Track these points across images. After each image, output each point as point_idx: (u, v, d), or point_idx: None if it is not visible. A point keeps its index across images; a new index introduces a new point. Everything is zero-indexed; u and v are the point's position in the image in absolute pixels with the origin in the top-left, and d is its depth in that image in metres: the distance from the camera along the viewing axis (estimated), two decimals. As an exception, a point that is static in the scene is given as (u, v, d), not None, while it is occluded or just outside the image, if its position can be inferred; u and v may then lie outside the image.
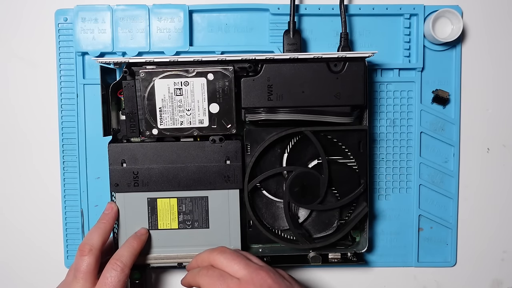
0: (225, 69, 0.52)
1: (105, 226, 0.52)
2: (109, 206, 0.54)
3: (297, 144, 0.55)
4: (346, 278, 0.63)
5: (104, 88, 0.54)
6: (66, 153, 0.58)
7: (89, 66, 0.58)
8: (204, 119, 0.53)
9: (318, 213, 0.57)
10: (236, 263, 0.47)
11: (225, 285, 0.46)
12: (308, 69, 0.52)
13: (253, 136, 0.55)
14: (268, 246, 0.59)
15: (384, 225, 0.61)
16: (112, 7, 0.57)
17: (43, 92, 0.59)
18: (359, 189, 0.55)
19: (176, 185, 0.54)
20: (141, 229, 0.54)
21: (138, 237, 0.53)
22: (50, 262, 0.61)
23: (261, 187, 0.56)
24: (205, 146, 0.54)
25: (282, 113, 0.52)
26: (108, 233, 0.53)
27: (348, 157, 0.56)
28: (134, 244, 0.52)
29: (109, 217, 0.53)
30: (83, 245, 0.50)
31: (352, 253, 0.58)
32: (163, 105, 0.52)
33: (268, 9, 0.58)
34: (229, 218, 0.55)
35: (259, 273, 0.46)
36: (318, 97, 0.52)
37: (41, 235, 0.61)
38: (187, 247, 0.55)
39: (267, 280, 0.46)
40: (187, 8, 0.57)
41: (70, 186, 0.59)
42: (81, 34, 0.57)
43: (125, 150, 0.54)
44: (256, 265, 0.48)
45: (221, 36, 0.59)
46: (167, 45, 0.57)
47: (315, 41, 0.59)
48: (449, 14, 0.57)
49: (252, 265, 0.47)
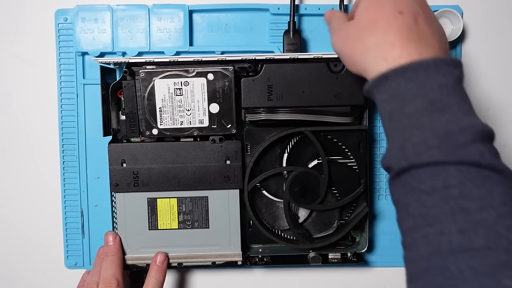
0: (225, 69, 0.52)
1: (119, 258, 0.55)
2: (110, 237, 0.55)
3: (297, 144, 0.55)
4: (346, 278, 0.63)
5: (104, 88, 0.54)
6: (66, 153, 0.58)
7: (89, 66, 0.58)
8: (204, 119, 0.53)
9: (318, 213, 0.57)
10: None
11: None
12: (308, 69, 0.52)
13: (253, 136, 0.55)
14: (268, 246, 0.59)
15: (384, 225, 0.61)
16: (112, 7, 0.57)
17: (43, 92, 0.59)
18: (359, 189, 0.55)
19: (176, 185, 0.54)
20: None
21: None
22: (50, 262, 0.61)
23: (261, 187, 0.56)
24: (205, 146, 0.54)
25: (282, 113, 0.52)
26: (122, 264, 0.55)
27: (348, 157, 0.56)
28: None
29: (117, 249, 0.55)
30: (108, 280, 0.52)
31: (352, 253, 0.58)
32: (163, 105, 0.52)
33: (268, 9, 0.57)
34: (229, 218, 0.55)
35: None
36: (318, 97, 0.52)
37: (41, 235, 0.61)
38: (187, 247, 0.55)
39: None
40: (187, 8, 0.57)
41: (70, 186, 0.59)
42: (81, 34, 0.57)
43: (125, 150, 0.54)
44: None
45: (221, 36, 0.59)
46: (167, 45, 0.57)
47: (315, 41, 0.59)
48: (449, 14, 0.57)
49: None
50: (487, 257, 0.32)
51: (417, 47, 0.38)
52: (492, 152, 0.35)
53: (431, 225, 0.34)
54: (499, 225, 0.32)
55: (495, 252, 0.32)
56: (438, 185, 0.34)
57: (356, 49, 0.41)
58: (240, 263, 0.56)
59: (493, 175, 0.34)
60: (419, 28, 0.39)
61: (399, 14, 0.39)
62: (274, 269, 0.62)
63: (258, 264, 0.57)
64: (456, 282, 0.32)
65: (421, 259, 0.34)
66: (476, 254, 0.32)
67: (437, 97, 0.35)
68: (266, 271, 0.63)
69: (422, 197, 0.35)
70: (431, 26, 0.40)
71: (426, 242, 0.34)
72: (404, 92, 0.36)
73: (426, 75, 0.36)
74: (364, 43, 0.40)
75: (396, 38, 0.38)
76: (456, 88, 0.36)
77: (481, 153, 0.34)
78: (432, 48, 0.38)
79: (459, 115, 0.35)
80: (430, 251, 0.34)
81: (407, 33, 0.38)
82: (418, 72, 0.36)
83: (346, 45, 0.43)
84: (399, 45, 0.38)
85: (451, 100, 0.35)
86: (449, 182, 0.34)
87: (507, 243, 0.32)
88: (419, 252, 0.35)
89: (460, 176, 0.34)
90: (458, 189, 0.34)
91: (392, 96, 0.37)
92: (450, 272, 0.32)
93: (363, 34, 0.40)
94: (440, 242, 0.33)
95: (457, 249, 0.33)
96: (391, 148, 0.37)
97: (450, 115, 0.35)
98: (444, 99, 0.35)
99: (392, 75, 0.37)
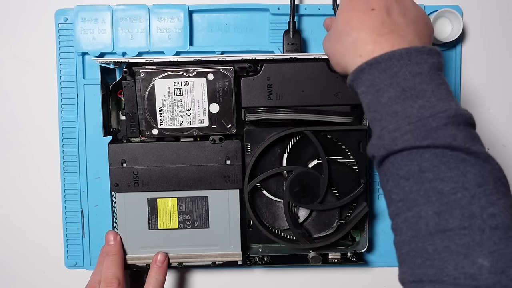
0: (225, 69, 0.52)
1: (120, 257, 0.55)
2: (111, 236, 0.55)
3: (297, 144, 0.55)
4: (346, 278, 0.63)
5: (104, 88, 0.54)
6: (66, 153, 0.58)
7: (89, 66, 0.58)
8: (204, 119, 0.53)
9: (318, 213, 0.57)
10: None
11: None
12: (307, 69, 0.52)
13: (253, 136, 0.55)
14: (268, 246, 0.59)
15: (384, 225, 0.61)
16: (112, 7, 0.57)
17: (43, 92, 0.59)
18: (359, 189, 0.55)
19: (176, 185, 0.54)
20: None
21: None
22: (50, 261, 0.61)
23: (261, 187, 0.56)
24: (205, 146, 0.54)
25: (282, 112, 0.52)
26: (123, 263, 0.55)
27: (348, 157, 0.56)
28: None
29: (118, 248, 0.55)
30: (109, 280, 0.52)
31: (352, 253, 0.57)
32: (163, 105, 0.52)
33: (268, 9, 0.57)
34: (229, 218, 0.55)
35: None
36: (318, 96, 0.52)
37: (41, 235, 0.61)
38: (187, 247, 0.55)
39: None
40: (187, 8, 0.57)
41: (70, 186, 0.59)
42: (81, 34, 0.57)
43: (125, 150, 0.54)
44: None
45: (221, 36, 0.59)
46: (167, 45, 0.57)
47: (315, 41, 0.59)
48: (449, 14, 0.57)
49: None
50: (462, 237, 0.33)
51: (389, 40, 0.39)
52: (467, 136, 0.35)
53: (410, 209, 0.35)
54: (473, 206, 0.33)
55: (469, 232, 0.33)
56: (414, 169, 0.35)
57: (337, 50, 0.43)
58: (240, 263, 0.56)
59: (467, 157, 0.35)
60: (393, 21, 0.40)
61: (372, 11, 0.41)
62: (274, 269, 0.62)
63: (258, 264, 0.57)
64: (433, 263, 0.33)
65: (403, 243, 0.36)
66: (451, 235, 0.33)
67: (410, 85, 0.37)
68: (266, 271, 0.63)
69: (401, 183, 0.36)
70: (406, 17, 0.41)
71: (406, 226, 0.36)
72: (378, 83, 0.38)
73: (399, 65, 0.37)
74: (342, 44, 0.42)
75: (368, 34, 0.40)
76: (431, 75, 0.37)
77: (453, 136, 0.35)
78: (406, 38, 0.39)
79: (433, 101, 0.36)
80: (411, 234, 0.35)
81: (379, 28, 0.40)
82: (390, 63, 0.38)
83: (329, 47, 0.45)
84: (372, 41, 0.39)
85: (424, 87, 0.37)
86: (423, 166, 0.35)
87: (482, 222, 0.33)
88: (402, 237, 0.36)
89: (434, 160, 0.35)
90: (433, 173, 0.35)
91: (368, 88, 0.39)
92: (428, 253, 0.34)
93: (341, 35, 0.42)
94: (418, 225, 0.35)
95: (434, 231, 0.34)
96: (373, 138, 0.38)
97: (423, 101, 0.36)
98: (417, 86, 0.37)
99: (366, 67, 0.39)
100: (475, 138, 0.36)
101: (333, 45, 0.44)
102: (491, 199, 0.33)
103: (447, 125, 0.35)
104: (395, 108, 0.37)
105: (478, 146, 0.35)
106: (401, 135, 0.36)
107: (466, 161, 0.35)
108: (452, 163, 0.35)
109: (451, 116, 0.35)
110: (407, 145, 0.35)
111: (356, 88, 0.41)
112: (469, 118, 0.36)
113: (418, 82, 0.37)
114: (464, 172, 0.34)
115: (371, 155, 0.39)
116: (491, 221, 0.33)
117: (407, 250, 0.35)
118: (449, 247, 0.33)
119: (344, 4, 0.43)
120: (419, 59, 0.37)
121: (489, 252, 0.32)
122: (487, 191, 0.34)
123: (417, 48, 0.38)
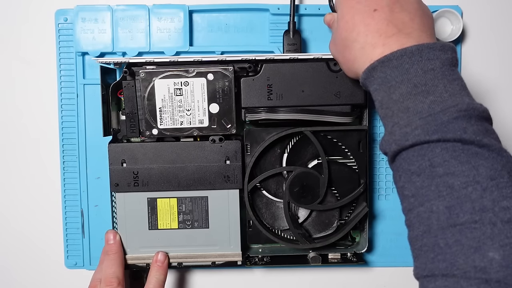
0: (225, 69, 0.52)
1: (120, 256, 0.55)
2: (110, 235, 0.55)
3: (297, 144, 0.55)
4: (346, 278, 0.63)
5: (104, 88, 0.54)
6: (66, 153, 0.58)
7: (89, 66, 0.58)
8: (204, 119, 0.53)
9: (318, 213, 0.57)
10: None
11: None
12: (307, 68, 0.52)
13: (253, 136, 0.55)
14: (268, 246, 0.59)
15: (384, 225, 0.61)
16: (112, 7, 0.57)
17: (43, 92, 0.59)
18: (359, 189, 0.55)
19: (176, 185, 0.54)
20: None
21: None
22: (50, 262, 0.61)
23: (261, 187, 0.56)
24: (205, 146, 0.54)
25: (282, 112, 0.52)
26: (123, 262, 0.55)
27: (348, 157, 0.56)
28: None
29: (118, 247, 0.55)
30: (109, 279, 0.52)
31: (352, 253, 0.57)
32: (163, 105, 0.53)
33: (268, 9, 0.57)
34: (229, 218, 0.55)
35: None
36: (318, 96, 0.52)
37: (41, 235, 0.61)
38: (187, 247, 0.55)
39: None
40: (187, 8, 0.57)
41: (70, 186, 0.59)
42: (81, 34, 0.57)
43: (125, 150, 0.54)
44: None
45: (221, 36, 0.59)
46: (167, 45, 0.57)
47: (315, 41, 0.59)
48: (449, 14, 0.57)
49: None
50: (473, 230, 0.33)
51: (397, 40, 0.39)
52: (479, 129, 0.35)
53: (422, 204, 0.35)
54: (484, 199, 0.33)
55: (480, 226, 0.33)
56: (425, 164, 0.35)
57: (346, 57, 0.43)
58: (240, 263, 0.56)
59: (480, 150, 0.35)
60: (397, 18, 0.40)
61: (374, 12, 0.41)
62: (274, 269, 0.62)
63: (258, 264, 0.57)
64: (444, 257, 0.33)
65: (416, 239, 0.36)
66: (462, 229, 0.33)
67: (421, 81, 0.37)
68: (266, 271, 0.63)
69: (413, 178, 0.36)
70: (409, 11, 0.41)
71: (419, 221, 0.36)
72: (390, 80, 0.38)
73: (410, 61, 0.37)
74: (351, 51, 0.42)
75: (376, 37, 0.40)
76: (444, 71, 0.37)
77: (464, 129, 0.35)
78: (413, 35, 0.39)
79: (444, 96, 0.36)
80: (423, 229, 0.35)
81: (386, 30, 0.40)
82: (402, 60, 0.38)
83: (338, 54, 0.45)
84: (381, 44, 0.40)
85: (436, 83, 0.37)
86: (434, 161, 0.35)
87: (493, 216, 0.33)
88: (415, 232, 0.36)
89: (445, 154, 0.35)
90: (443, 167, 0.35)
91: (380, 85, 0.39)
92: (439, 248, 0.34)
93: (348, 42, 0.42)
94: (430, 220, 0.35)
95: (445, 225, 0.34)
96: (385, 134, 0.39)
97: (435, 97, 0.36)
98: (428, 82, 0.37)
99: (378, 65, 0.39)
100: (489, 131, 0.36)
101: (341, 52, 0.44)
102: (504, 192, 0.33)
103: (457, 118, 0.35)
104: (407, 104, 0.37)
105: (489, 138, 0.35)
106: (411, 130, 0.36)
107: (479, 154, 0.34)
108: (463, 157, 0.34)
109: (462, 110, 0.35)
110: (417, 140, 0.36)
111: (369, 87, 0.41)
112: (482, 112, 0.36)
113: (430, 78, 0.37)
114: (475, 165, 0.34)
115: (383, 151, 0.39)
116: (503, 214, 0.33)
117: (420, 245, 0.35)
118: (460, 241, 0.33)
119: (345, 8, 0.43)
120: (431, 56, 0.37)
121: (500, 246, 0.32)
122: (500, 184, 0.33)
123: (428, 44, 0.38)
